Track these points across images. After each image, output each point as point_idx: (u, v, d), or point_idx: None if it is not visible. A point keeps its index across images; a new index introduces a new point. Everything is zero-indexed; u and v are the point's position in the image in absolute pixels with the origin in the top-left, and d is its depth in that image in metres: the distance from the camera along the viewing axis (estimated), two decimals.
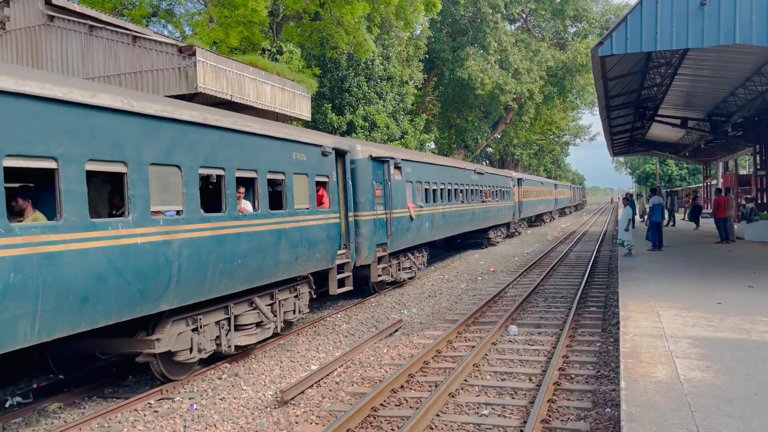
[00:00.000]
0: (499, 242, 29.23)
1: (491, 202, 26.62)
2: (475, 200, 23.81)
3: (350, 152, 12.94)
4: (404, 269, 16.39)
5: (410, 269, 16.84)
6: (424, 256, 18.34)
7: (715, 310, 8.93)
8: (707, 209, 31.95)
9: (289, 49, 22.55)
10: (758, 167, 28.29)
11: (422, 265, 18.25)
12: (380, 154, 14.38)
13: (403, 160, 15.83)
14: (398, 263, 15.87)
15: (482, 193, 25.16)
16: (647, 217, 20.01)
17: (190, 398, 7.65)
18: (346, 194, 12.60)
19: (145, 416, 7.07)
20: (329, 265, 11.68)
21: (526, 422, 6.21)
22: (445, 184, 19.75)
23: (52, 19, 14.11)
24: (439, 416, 6.59)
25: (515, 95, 40.86)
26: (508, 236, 31.92)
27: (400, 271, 15.99)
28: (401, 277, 16.03)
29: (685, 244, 19.65)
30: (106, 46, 13.87)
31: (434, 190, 18.59)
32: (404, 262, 16.38)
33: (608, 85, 17.04)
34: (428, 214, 17.69)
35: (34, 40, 14.22)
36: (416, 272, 17.46)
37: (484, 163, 62.75)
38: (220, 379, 8.47)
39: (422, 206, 17.14)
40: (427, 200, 17.77)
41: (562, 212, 60.22)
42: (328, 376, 8.38)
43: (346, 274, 12.48)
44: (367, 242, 13.20)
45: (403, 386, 7.65)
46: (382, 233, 14.13)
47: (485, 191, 25.69)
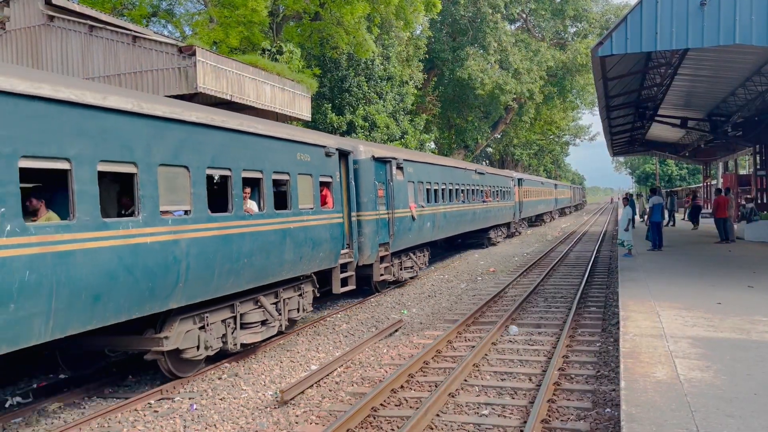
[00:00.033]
0: (499, 242, 29.25)
1: (492, 202, 26.64)
2: (476, 200, 23.83)
3: (353, 153, 13.02)
4: (406, 269, 16.45)
5: (412, 269, 16.89)
6: (425, 255, 18.37)
7: (715, 310, 8.93)
8: (707, 209, 31.94)
9: (289, 49, 22.55)
10: (758, 167, 28.28)
11: (424, 264, 18.27)
12: (383, 154, 14.43)
13: (405, 160, 15.88)
14: (400, 263, 15.92)
15: (483, 193, 25.18)
16: (647, 217, 20.01)
17: (190, 398, 7.65)
18: (349, 194, 12.68)
19: (145, 416, 7.07)
20: (333, 264, 11.77)
21: (526, 422, 6.21)
22: (446, 184, 19.79)
23: (52, 19, 14.10)
24: (439, 416, 6.59)
25: (515, 95, 40.86)
26: (508, 236, 31.94)
27: (402, 270, 16.03)
28: (403, 276, 16.07)
29: (685, 244, 19.65)
30: (106, 46, 13.87)
31: (436, 190, 18.63)
32: (406, 261, 16.44)
33: (608, 85, 17.04)
34: (430, 214, 17.73)
35: (34, 40, 14.22)
36: (418, 272, 17.49)
37: (484, 163, 62.74)
38: (220, 379, 8.47)
39: (424, 206, 17.17)
40: (428, 200, 17.80)
41: (562, 212, 60.24)
42: (328, 376, 8.39)
43: (349, 273, 12.56)
44: (369, 242, 13.26)
45: (403, 386, 7.65)
46: (384, 233, 14.18)
47: (486, 191, 25.72)
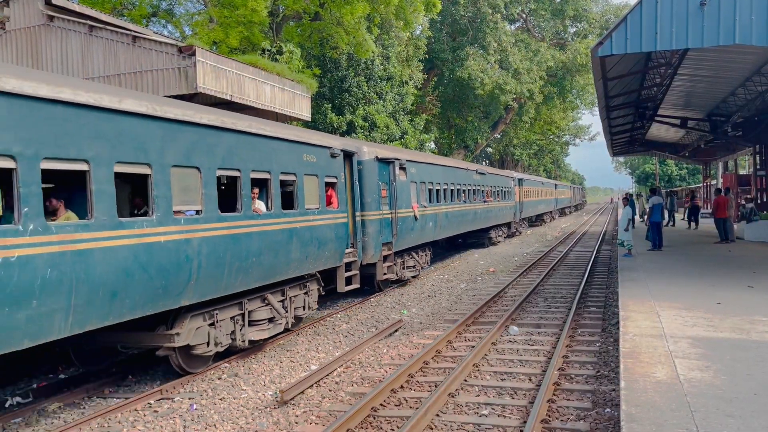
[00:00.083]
0: (500, 242, 29.27)
1: (493, 202, 26.68)
2: (477, 200, 23.90)
3: (357, 153, 13.20)
4: (408, 268, 16.58)
5: (414, 268, 17.01)
6: (427, 255, 18.51)
7: (714, 310, 8.93)
8: (706, 209, 31.93)
9: (289, 49, 22.55)
10: (758, 167, 28.27)
11: (425, 263, 18.39)
12: (386, 155, 14.54)
13: (408, 160, 16.00)
14: (403, 262, 16.06)
15: (484, 193, 25.23)
16: (647, 217, 20.01)
17: (189, 398, 7.65)
18: (353, 194, 12.88)
19: (145, 416, 7.07)
20: (337, 263, 11.95)
21: (525, 422, 6.21)
22: (448, 184, 19.89)
23: (51, 19, 14.10)
24: (438, 416, 6.59)
25: (515, 95, 40.86)
26: (508, 236, 31.96)
27: (404, 269, 16.17)
28: (405, 275, 16.19)
29: (684, 244, 19.65)
30: (105, 46, 13.88)
31: (438, 190, 18.75)
32: (408, 260, 16.58)
33: (608, 85, 17.03)
34: (432, 213, 17.83)
35: (34, 40, 14.22)
36: (420, 271, 17.59)
37: (484, 163, 62.75)
38: (219, 379, 8.47)
39: (426, 206, 17.26)
40: (430, 200, 17.92)
41: (562, 212, 60.25)
42: (328, 376, 8.39)
43: (353, 272, 12.75)
44: (373, 241, 13.40)
45: (402, 386, 7.65)
46: (387, 232, 14.30)
47: (487, 191, 25.77)
